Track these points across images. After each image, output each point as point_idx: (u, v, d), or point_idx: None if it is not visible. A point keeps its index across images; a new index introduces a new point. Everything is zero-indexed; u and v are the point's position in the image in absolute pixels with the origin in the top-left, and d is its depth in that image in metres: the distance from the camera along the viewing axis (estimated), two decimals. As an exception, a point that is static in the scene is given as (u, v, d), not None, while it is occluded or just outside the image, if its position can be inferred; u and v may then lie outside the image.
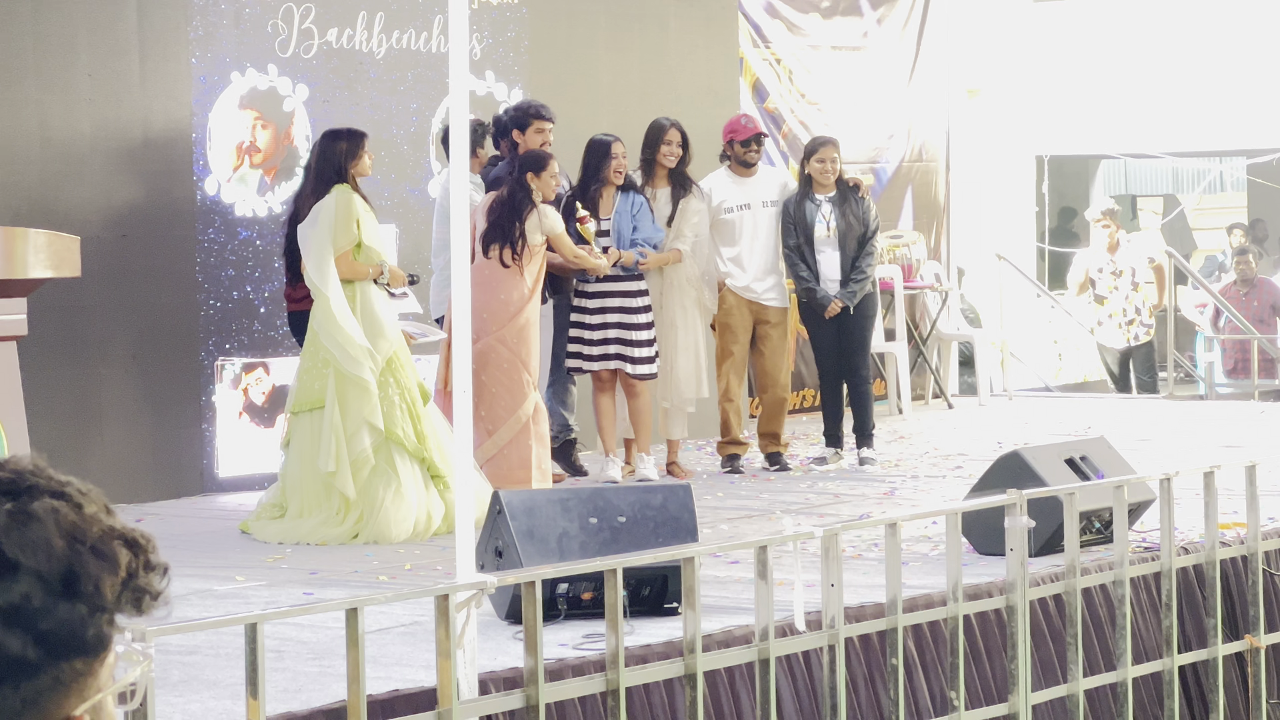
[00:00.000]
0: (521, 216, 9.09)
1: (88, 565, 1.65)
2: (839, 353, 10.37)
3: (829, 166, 10.30)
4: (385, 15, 10.39)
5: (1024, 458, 7.53)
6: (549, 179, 9.19)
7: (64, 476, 1.71)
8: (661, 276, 9.90)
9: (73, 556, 1.65)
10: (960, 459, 10.60)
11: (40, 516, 1.65)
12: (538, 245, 9.16)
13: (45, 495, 1.68)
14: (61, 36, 9.21)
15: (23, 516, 1.65)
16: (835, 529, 6.02)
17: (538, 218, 9.13)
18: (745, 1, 12.72)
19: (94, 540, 1.66)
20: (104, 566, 1.66)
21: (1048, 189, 16.61)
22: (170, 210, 9.61)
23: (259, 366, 9.93)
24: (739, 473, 10.26)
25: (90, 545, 1.66)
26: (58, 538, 1.65)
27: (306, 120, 10.05)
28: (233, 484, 9.72)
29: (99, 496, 1.72)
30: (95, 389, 9.33)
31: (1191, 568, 7.54)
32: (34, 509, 1.66)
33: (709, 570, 7.02)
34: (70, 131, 9.26)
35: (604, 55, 11.55)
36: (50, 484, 1.69)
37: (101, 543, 1.67)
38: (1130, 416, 12.55)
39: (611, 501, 6.74)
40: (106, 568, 1.66)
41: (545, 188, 9.18)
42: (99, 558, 1.66)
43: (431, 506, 8.36)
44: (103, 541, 1.67)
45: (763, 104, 12.88)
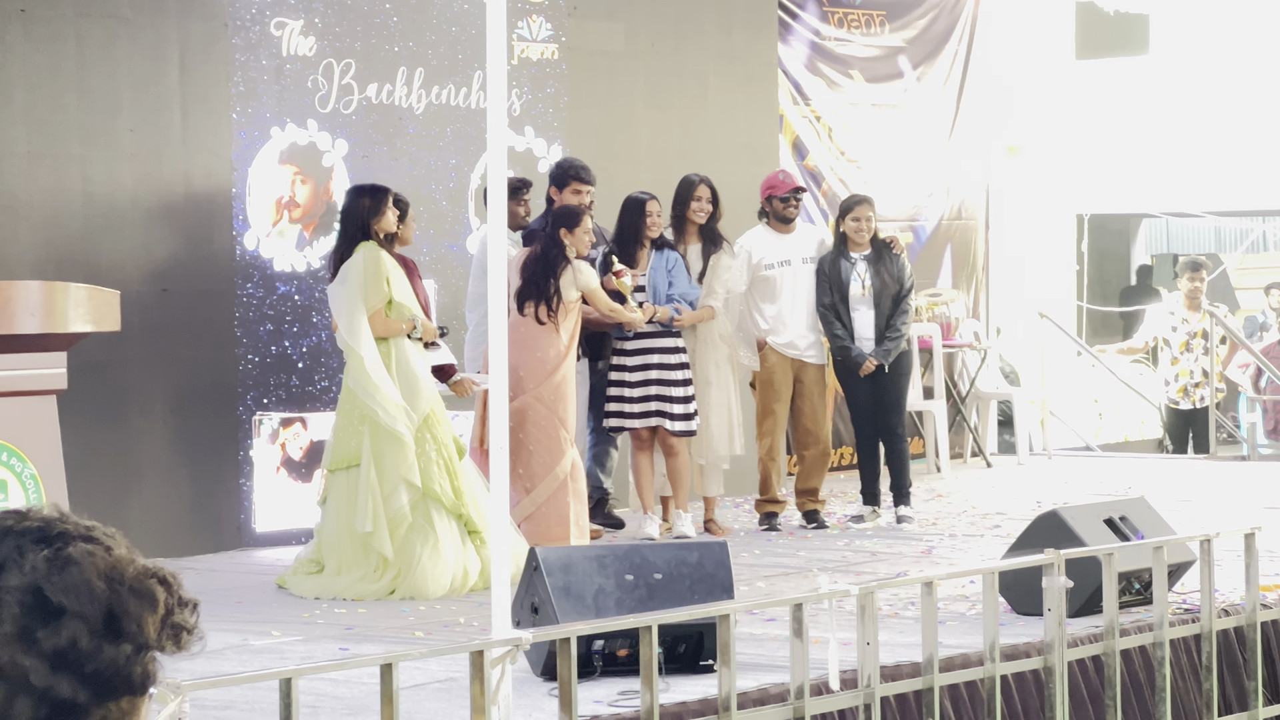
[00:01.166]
0: (555, 273, 9.11)
1: (128, 604, 1.68)
2: (875, 411, 10.35)
3: (864, 225, 10.31)
4: (425, 71, 10.45)
5: (1063, 517, 7.49)
6: (582, 235, 9.21)
7: (87, 521, 1.74)
8: (694, 334, 9.91)
9: (113, 597, 1.67)
10: (998, 518, 10.55)
11: (78, 560, 1.67)
12: (572, 301, 9.17)
13: (77, 540, 1.70)
14: (105, 92, 9.29)
15: (61, 561, 1.67)
16: (871, 587, 6.00)
17: (572, 274, 9.14)
18: (785, 59, 12.76)
19: (131, 580, 1.69)
20: (144, 605, 1.69)
21: (1088, 247, 16.57)
22: (210, 264, 9.66)
23: (296, 421, 9.95)
24: (776, 530, 10.23)
25: (129, 585, 1.69)
26: (97, 580, 1.67)
27: (346, 175, 10.11)
28: (270, 539, 9.73)
29: (123, 538, 1.74)
30: (134, 443, 9.36)
31: (1232, 630, 7.48)
32: (70, 554, 1.68)
33: (745, 627, 6.99)
34: (112, 186, 9.32)
35: (643, 112, 11.59)
36: (78, 529, 1.71)
37: (138, 582, 1.70)
38: (1171, 477, 12.48)
39: (648, 558, 6.73)
40: (146, 606, 1.69)
41: (579, 243, 9.20)
42: (138, 596, 1.69)
43: (468, 562, 8.36)
44: (139, 580, 1.70)
45: (802, 161, 12.90)
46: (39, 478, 7.49)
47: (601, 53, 11.34)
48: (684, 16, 11.80)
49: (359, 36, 10.19)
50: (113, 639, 1.66)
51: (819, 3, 13.08)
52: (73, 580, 1.66)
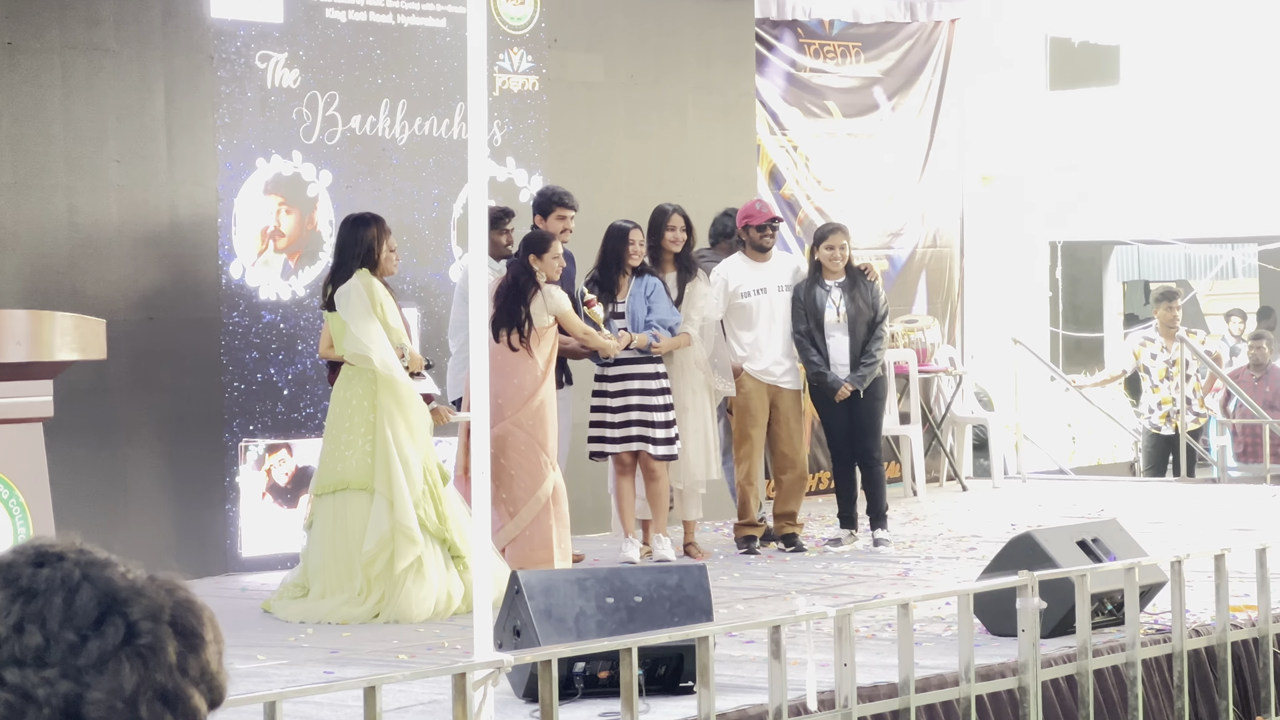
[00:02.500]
0: (526, 299, 9.24)
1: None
2: (851, 436, 10.48)
3: (838, 253, 10.45)
4: (407, 103, 10.57)
5: (1036, 539, 7.60)
6: (551, 260, 9.33)
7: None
8: (671, 360, 10.03)
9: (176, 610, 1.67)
10: (973, 540, 10.67)
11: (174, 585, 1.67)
12: (545, 327, 9.29)
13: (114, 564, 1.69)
14: (91, 123, 9.40)
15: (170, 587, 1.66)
16: (849, 609, 6.11)
17: (542, 299, 9.27)
18: (762, 89, 12.91)
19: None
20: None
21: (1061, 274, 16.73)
22: (195, 293, 9.76)
23: (282, 448, 10.06)
24: (755, 554, 10.35)
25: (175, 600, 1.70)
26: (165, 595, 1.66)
27: (330, 205, 10.22)
28: (255, 564, 9.82)
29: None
30: (120, 470, 9.45)
31: (1203, 650, 7.60)
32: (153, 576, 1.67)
33: (724, 649, 7.10)
34: (98, 216, 9.43)
35: (623, 142, 11.72)
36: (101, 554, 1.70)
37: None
38: (1142, 499, 12.61)
39: (628, 581, 6.83)
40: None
41: (548, 268, 9.31)
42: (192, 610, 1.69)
43: (452, 587, 8.46)
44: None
45: (779, 190, 13.05)
46: (26, 505, 7.57)
47: (582, 84, 11.47)
48: (663, 48, 11.95)
49: (342, 69, 10.31)
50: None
51: (795, 34, 13.24)
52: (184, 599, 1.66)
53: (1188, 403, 14.03)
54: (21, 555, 1.64)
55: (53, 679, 1.59)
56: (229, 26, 9.85)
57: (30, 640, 1.59)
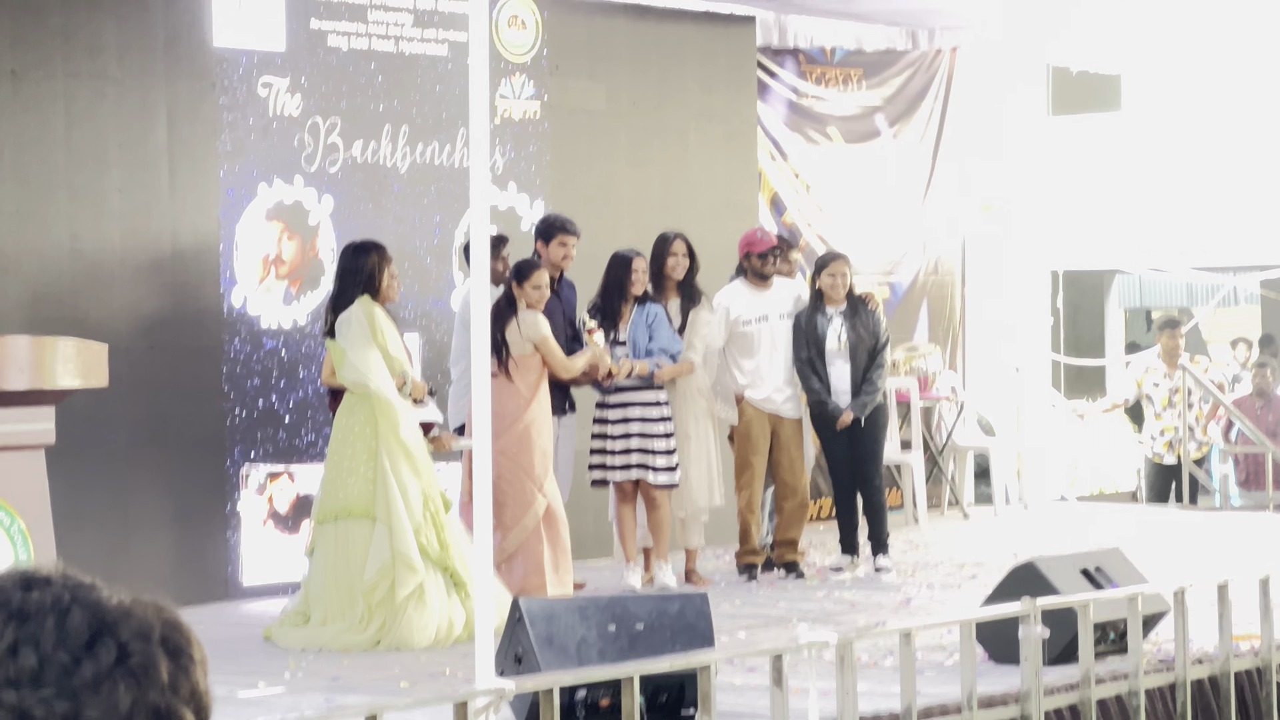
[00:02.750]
0: (502, 326, 9.25)
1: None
2: (852, 463, 10.48)
3: (839, 281, 10.46)
4: (409, 129, 10.59)
5: (1039, 568, 7.60)
6: (531, 289, 9.31)
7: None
8: (674, 388, 10.03)
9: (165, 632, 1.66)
10: (975, 568, 10.66)
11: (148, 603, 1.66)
12: (525, 354, 9.29)
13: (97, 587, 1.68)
14: (93, 151, 9.42)
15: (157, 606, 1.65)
16: (850, 637, 6.11)
17: (518, 325, 9.28)
18: (764, 116, 12.93)
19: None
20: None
21: (1063, 302, 16.75)
22: (197, 320, 9.77)
23: (283, 474, 10.05)
24: (756, 581, 10.34)
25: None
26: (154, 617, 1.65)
27: (332, 232, 10.24)
28: (257, 591, 9.81)
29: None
30: (122, 497, 9.45)
31: (1206, 679, 7.59)
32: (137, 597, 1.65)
33: (725, 677, 7.09)
34: (100, 243, 9.44)
35: (625, 169, 11.74)
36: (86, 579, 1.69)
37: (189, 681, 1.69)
38: (1145, 528, 12.60)
39: (629, 609, 6.83)
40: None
41: (528, 296, 9.31)
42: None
43: (453, 614, 8.45)
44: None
45: (780, 217, 13.07)
46: (28, 533, 7.57)
47: (583, 111, 11.49)
48: (665, 75, 11.97)
49: (344, 95, 10.33)
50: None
51: (797, 61, 13.27)
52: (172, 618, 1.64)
53: (1190, 431, 14.03)
54: (8, 580, 1.65)
55: (49, 699, 1.59)
56: (231, 54, 9.88)
57: (25, 662, 1.59)
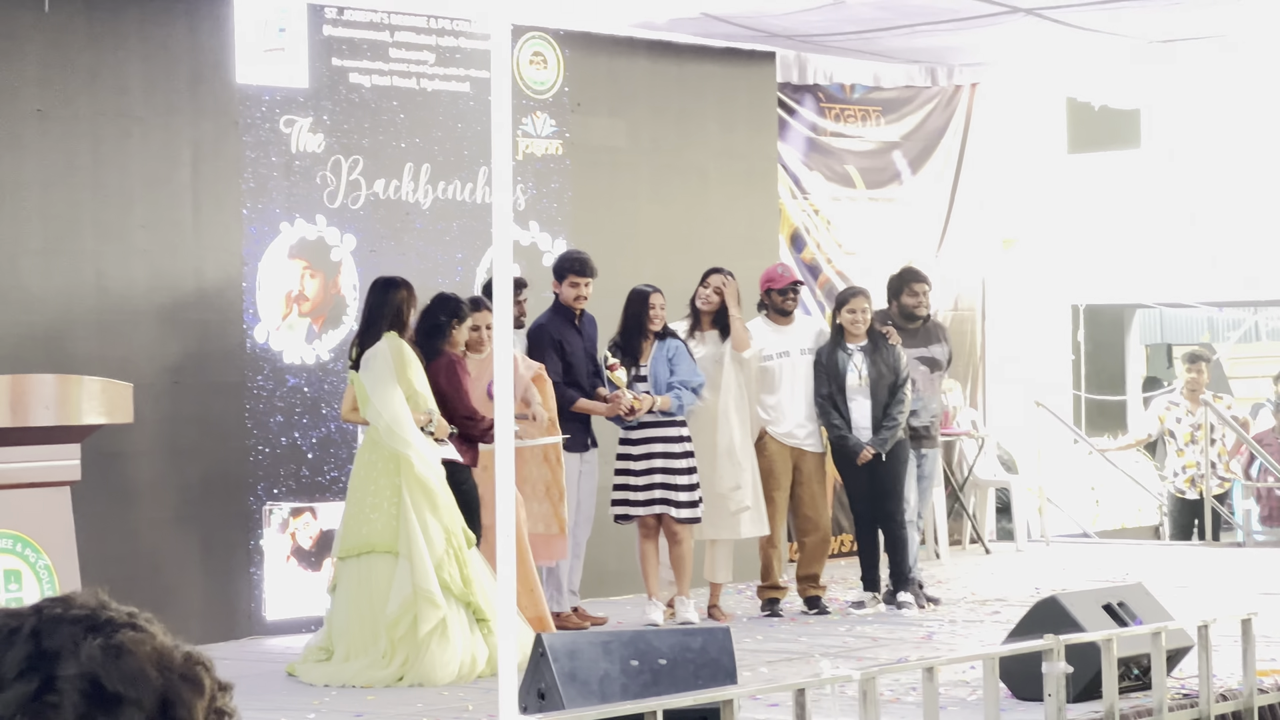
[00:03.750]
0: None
1: (181, 691, 1.71)
2: (873, 498, 10.49)
3: (860, 317, 10.49)
4: (431, 167, 10.65)
5: (1062, 603, 7.59)
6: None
7: (128, 608, 1.76)
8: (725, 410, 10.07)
9: (167, 685, 1.70)
10: (998, 604, 10.65)
11: (131, 649, 1.69)
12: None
13: (124, 627, 1.72)
14: (118, 189, 9.48)
15: (115, 650, 1.69)
16: (873, 673, 6.11)
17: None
18: (784, 153, 12.97)
19: (180, 666, 1.72)
20: (194, 690, 1.72)
21: (1084, 337, 16.75)
22: (220, 357, 9.82)
23: (306, 511, 10.08)
24: (778, 616, 10.34)
25: (179, 671, 1.71)
26: (151, 667, 1.70)
27: (354, 270, 10.29)
28: (280, 627, 9.83)
29: (159, 624, 1.76)
30: (146, 533, 9.49)
31: (1231, 714, 7.57)
32: (123, 641, 1.70)
33: (748, 713, 7.09)
34: (125, 281, 9.49)
35: (645, 206, 11.78)
36: (121, 615, 1.73)
37: (187, 668, 1.72)
38: (1168, 563, 12.58)
39: (652, 644, 6.84)
40: (196, 691, 1.72)
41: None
42: (189, 682, 1.71)
43: (476, 650, 8.46)
44: (188, 666, 1.73)
45: (800, 254, 13.10)
46: (53, 568, 7.60)
47: (605, 148, 11.54)
48: (685, 113, 12.02)
49: (366, 133, 10.39)
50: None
51: (817, 98, 13.31)
52: (129, 669, 1.68)
53: (1212, 467, 14.00)
54: (23, 606, 1.75)
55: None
56: (254, 92, 9.94)
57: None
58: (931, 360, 10.89)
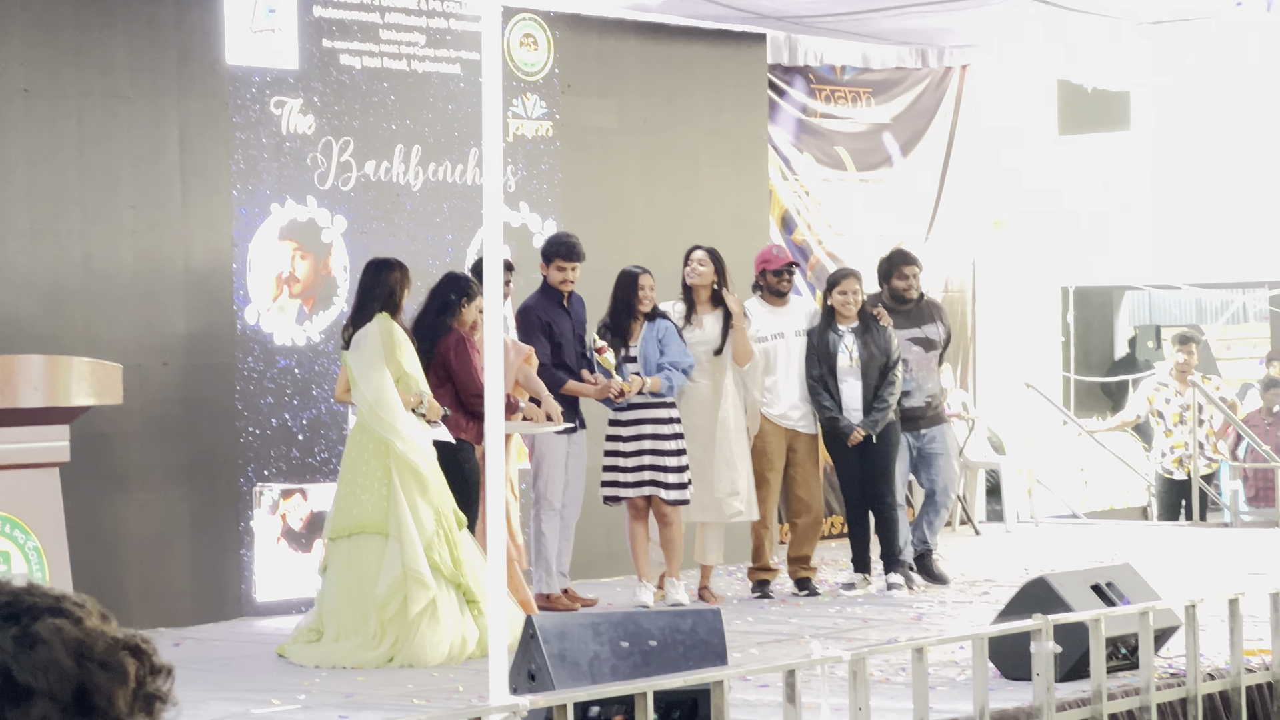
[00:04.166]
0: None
1: (98, 679, 1.67)
2: (863, 480, 10.50)
3: (851, 298, 10.49)
4: (422, 148, 10.63)
5: (1050, 584, 7.61)
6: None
7: (57, 592, 1.72)
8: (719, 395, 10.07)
9: (83, 673, 1.67)
10: (987, 585, 10.67)
11: (46, 638, 1.66)
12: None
13: (45, 614, 1.68)
14: (106, 169, 9.46)
15: (29, 640, 1.66)
16: (863, 653, 6.12)
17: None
18: (774, 134, 12.97)
19: (101, 654, 1.69)
20: (114, 678, 1.68)
21: (1073, 319, 16.77)
22: (210, 339, 9.81)
23: (296, 492, 10.08)
24: (769, 598, 10.36)
25: (98, 659, 1.68)
26: (65, 657, 1.67)
27: (344, 251, 10.28)
28: (270, 608, 9.84)
29: (95, 606, 1.72)
30: (136, 514, 9.48)
31: (1218, 694, 7.59)
32: (38, 631, 1.67)
33: (738, 694, 7.11)
34: (113, 262, 9.48)
35: (636, 187, 11.77)
36: (46, 602, 1.70)
37: (108, 655, 1.69)
38: (1155, 544, 12.61)
39: (642, 626, 6.84)
40: (116, 679, 1.68)
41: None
42: (108, 670, 1.68)
43: (466, 631, 8.47)
44: (109, 653, 1.69)
45: (790, 235, 13.10)
46: (42, 550, 7.60)
47: (595, 129, 11.53)
48: (675, 94, 12.01)
49: (357, 115, 10.38)
50: (83, 715, 1.65)
51: (807, 79, 13.31)
52: (40, 659, 1.65)
53: (1200, 447, 14.03)
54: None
55: None
56: (244, 73, 9.92)
57: None
58: (925, 340, 10.88)
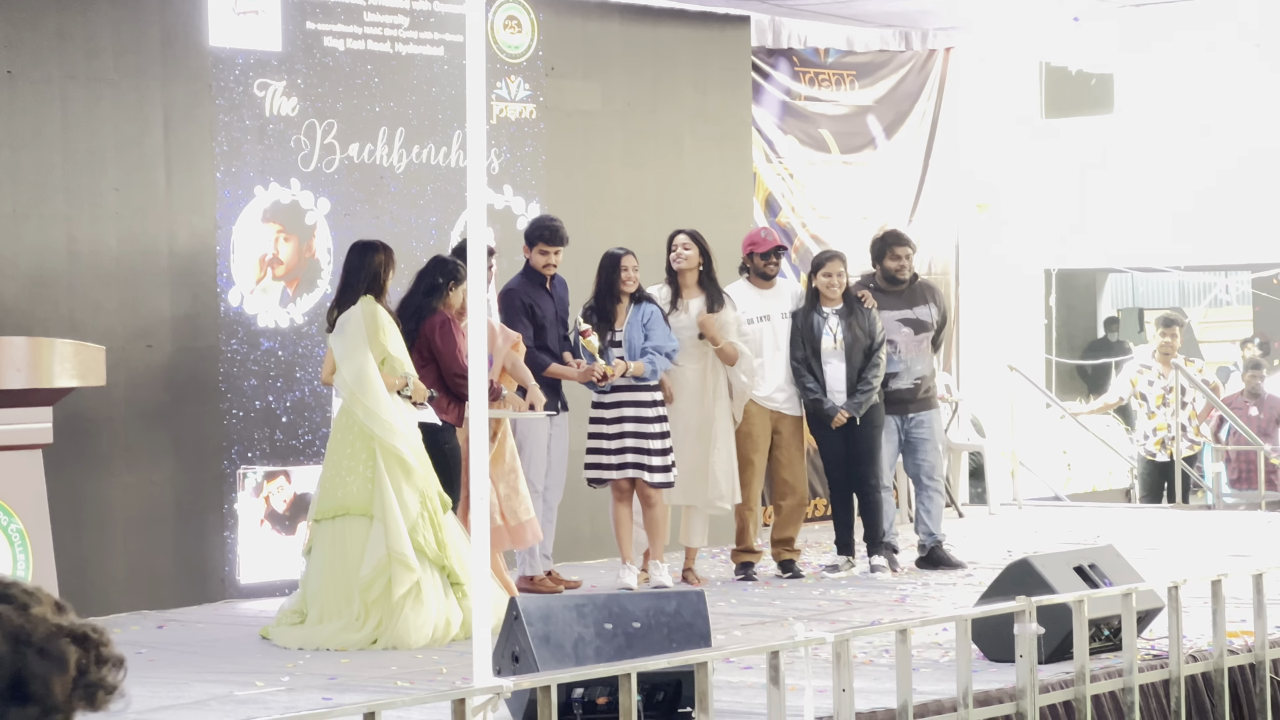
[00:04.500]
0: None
1: (35, 667, 1.67)
2: (847, 463, 10.52)
3: (835, 280, 10.50)
4: (405, 131, 10.62)
5: (1033, 565, 7.63)
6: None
7: (8, 578, 1.72)
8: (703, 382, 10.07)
9: (18, 660, 1.66)
10: (970, 566, 10.70)
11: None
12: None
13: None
14: (90, 152, 9.44)
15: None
16: (847, 635, 6.13)
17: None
18: (759, 117, 12.97)
19: (40, 641, 1.68)
20: (52, 666, 1.68)
21: (1056, 302, 16.80)
22: (194, 321, 9.80)
23: (280, 475, 10.08)
24: (752, 580, 10.37)
25: (36, 646, 1.68)
26: (1, 643, 1.67)
27: (328, 233, 10.27)
28: (254, 590, 9.84)
29: (46, 596, 1.72)
30: (119, 497, 9.48)
31: (1200, 675, 7.62)
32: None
33: (722, 676, 7.12)
34: (97, 244, 9.46)
35: (620, 170, 11.77)
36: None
37: (48, 642, 1.69)
38: (1138, 526, 12.65)
39: (626, 608, 6.85)
40: (54, 667, 1.68)
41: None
42: (46, 658, 1.68)
43: (450, 613, 8.48)
44: (49, 641, 1.69)
45: (775, 218, 13.10)
46: (25, 532, 7.60)
47: (579, 112, 11.53)
48: (659, 77, 12.00)
49: (340, 97, 10.36)
50: (18, 702, 1.64)
51: (791, 62, 13.30)
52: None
53: (1183, 429, 14.07)
54: None
55: None
56: (227, 55, 9.90)
57: None
58: (916, 322, 10.88)
